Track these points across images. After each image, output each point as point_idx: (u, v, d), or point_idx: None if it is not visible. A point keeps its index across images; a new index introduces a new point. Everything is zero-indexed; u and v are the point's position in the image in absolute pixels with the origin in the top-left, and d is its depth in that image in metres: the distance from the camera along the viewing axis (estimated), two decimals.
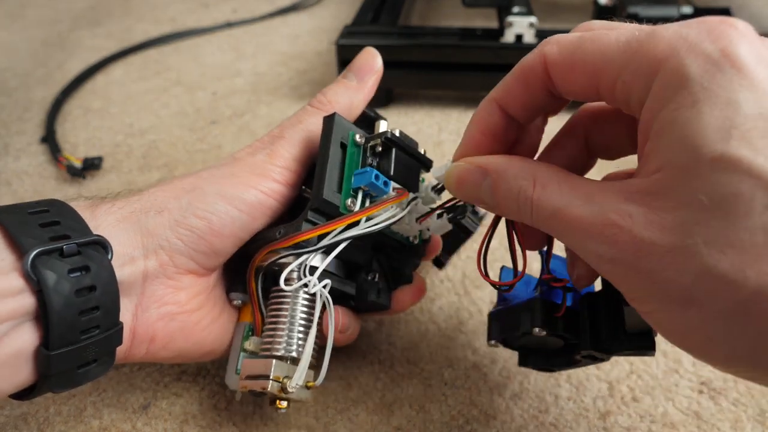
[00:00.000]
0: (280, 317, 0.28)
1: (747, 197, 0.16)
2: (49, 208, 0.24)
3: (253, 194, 0.28)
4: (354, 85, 0.32)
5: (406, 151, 0.30)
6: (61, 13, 0.89)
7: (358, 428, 0.31)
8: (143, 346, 0.27)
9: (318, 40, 0.78)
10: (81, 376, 0.24)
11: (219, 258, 0.28)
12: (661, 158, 0.18)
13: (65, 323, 0.22)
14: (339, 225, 0.27)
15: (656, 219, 0.18)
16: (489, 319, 0.30)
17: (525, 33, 0.56)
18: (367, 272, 0.31)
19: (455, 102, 0.62)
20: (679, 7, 0.62)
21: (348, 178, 0.28)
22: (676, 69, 0.18)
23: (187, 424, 0.31)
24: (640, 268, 0.18)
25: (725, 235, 0.17)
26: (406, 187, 0.30)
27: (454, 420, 0.31)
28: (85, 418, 0.32)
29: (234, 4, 0.91)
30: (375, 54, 0.34)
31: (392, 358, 0.35)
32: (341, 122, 0.29)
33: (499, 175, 0.22)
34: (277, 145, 0.30)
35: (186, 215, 0.27)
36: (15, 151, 0.56)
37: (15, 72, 0.72)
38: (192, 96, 0.65)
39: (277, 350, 0.27)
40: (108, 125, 0.60)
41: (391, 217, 0.28)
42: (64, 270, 0.22)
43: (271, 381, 0.26)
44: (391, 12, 0.69)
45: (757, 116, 0.16)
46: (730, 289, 0.17)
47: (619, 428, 0.31)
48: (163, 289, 0.27)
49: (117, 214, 0.26)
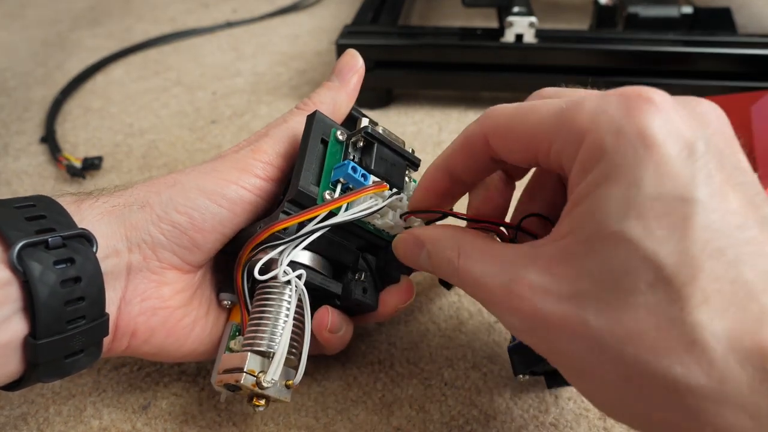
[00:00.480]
0: (263, 313, 0.28)
1: (633, 275, 0.17)
2: (36, 203, 0.25)
3: (233, 189, 0.28)
4: (336, 86, 0.33)
5: (389, 148, 0.30)
6: (61, 13, 0.89)
7: (358, 428, 0.31)
8: (125, 339, 0.27)
9: (318, 40, 0.78)
10: (69, 366, 0.24)
11: (202, 253, 0.28)
12: (571, 225, 0.19)
13: (51, 313, 0.23)
14: (315, 213, 0.27)
15: (554, 288, 0.19)
16: (510, 354, 0.29)
17: (525, 33, 0.56)
18: (354, 272, 0.31)
19: (455, 102, 0.62)
20: (679, 6, 0.62)
21: (328, 172, 0.28)
22: (595, 143, 0.19)
23: (187, 424, 0.31)
24: (540, 338, 0.20)
25: (613, 312, 0.17)
26: (389, 182, 0.29)
27: (454, 420, 0.31)
28: (85, 418, 0.32)
29: (234, 4, 0.91)
30: (355, 54, 0.35)
31: (392, 358, 0.35)
32: (322, 119, 0.29)
33: (433, 246, 0.25)
34: (261, 142, 0.30)
35: (167, 210, 0.27)
36: (15, 151, 0.56)
37: (15, 72, 0.72)
38: (192, 96, 0.65)
39: (259, 345, 0.27)
40: (108, 125, 0.60)
41: (370, 207, 0.28)
42: (50, 261, 0.23)
43: (244, 374, 0.26)
44: (391, 12, 0.69)
45: (656, 196, 0.17)
46: (617, 364, 0.18)
47: (620, 428, 0.31)
48: (146, 283, 0.27)
49: (101, 209, 0.27)
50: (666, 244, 0.17)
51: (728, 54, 0.54)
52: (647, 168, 0.17)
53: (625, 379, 0.18)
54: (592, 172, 0.19)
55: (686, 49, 0.55)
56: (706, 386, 0.16)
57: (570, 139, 0.20)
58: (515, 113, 0.22)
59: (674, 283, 0.17)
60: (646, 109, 0.18)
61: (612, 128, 0.18)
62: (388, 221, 0.29)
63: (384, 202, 0.28)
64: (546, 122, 0.21)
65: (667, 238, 0.17)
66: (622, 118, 0.18)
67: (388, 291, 0.32)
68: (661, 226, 0.17)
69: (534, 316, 0.19)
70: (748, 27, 0.71)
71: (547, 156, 0.21)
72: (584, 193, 0.19)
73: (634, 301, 0.17)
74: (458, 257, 0.23)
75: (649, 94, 0.19)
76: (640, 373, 0.17)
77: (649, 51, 0.55)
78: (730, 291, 0.17)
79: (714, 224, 0.17)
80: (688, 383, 0.16)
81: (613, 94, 0.19)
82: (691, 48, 0.55)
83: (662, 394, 0.17)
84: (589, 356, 0.18)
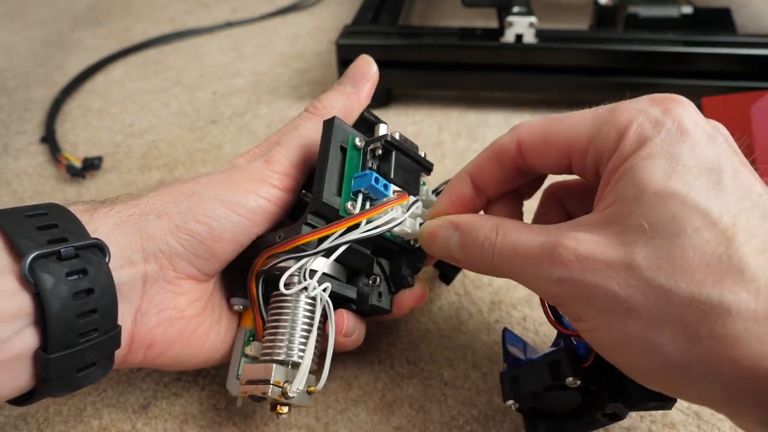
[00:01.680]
0: (281, 322, 0.28)
1: (680, 220, 0.20)
2: (47, 212, 0.24)
3: (252, 199, 0.28)
4: (349, 92, 0.33)
5: (406, 154, 0.30)
6: (61, 13, 0.89)
7: (358, 428, 0.31)
8: (141, 351, 0.27)
9: (318, 40, 0.78)
10: (80, 380, 0.24)
11: (218, 263, 0.28)
12: (614, 196, 0.22)
13: (63, 326, 0.22)
14: (339, 228, 0.27)
15: (601, 240, 0.21)
16: (502, 381, 0.28)
17: (525, 33, 0.56)
18: (368, 276, 0.31)
19: (455, 102, 0.62)
20: (679, 6, 0.62)
21: (348, 181, 0.28)
22: (639, 133, 0.22)
23: (187, 424, 0.31)
24: (584, 283, 0.21)
25: (662, 251, 0.19)
26: (407, 190, 0.29)
27: (454, 420, 0.31)
28: (85, 418, 0.32)
29: (234, 4, 0.91)
30: (370, 61, 0.34)
31: (392, 358, 0.35)
32: (341, 126, 0.29)
33: (468, 229, 0.26)
34: (274, 152, 0.30)
35: (186, 220, 0.27)
36: (15, 151, 0.56)
37: (15, 72, 0.72)
38: (192, 96, 0.65)
39: (278, 355, 0.27)
40: (108, 125, 0.60)
41: (392, 220, 0.28)
42: (62, 273, 0.22)
43: (271, 386, 0.26)
44: (391, 12, 0.69)
45: (693, 165, 0.21)
46: (665, 298, 0.19)
47: (619, 428, 0.31)
48: (162, 293, 0.27)
49: (115, 218, 0.26)
50: (707, 198, 0.20)
51: (728, 54, 0.54)
52: (683, 148, 0.21)
53: (671, 316, 0.19)
54: (633, 156, 0.21)
55: (686, 49, 0.55)
56: (756, 309, 0.18)
57: (611, 134, 0.22)
58: (548, 121, 0.25)
59: (719, 226, 0.19)
60: (677, 106, 0.22)
61: (652, 121, 0.22)
62: (406, 228, 0.29)
63: (405, 213, 0.28)
64: (582, 125, 0.24)
65: (707, 193, 0.20)
66: (659, 114, 0.22)
67: (403, 294, 0.32)
68: (700, 184, 0.20)
69: (581, 263, 0.21)
70: (748, 27, 0.71)
71: (583, 156, 0.24)
72: (628, 169, 0.21)
73: (682, 242, 0.19)
74: (496, 234, 0.24)
75: (677, 97, 0.23)
76: (691, 303, 0.19)
77: (649, 51, 0.55)
78: (765, 237, 0.19)
79: (741, 188, 0.20)
80: (738, 308, 0.18)
81: (643, 99, 0.23)
82: (691, 48, 0.55)
83: (712, 322, 0.18)
84: (637, 295, 0.20)
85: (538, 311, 0.38)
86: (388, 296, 0.31)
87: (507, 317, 0.37)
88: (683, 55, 0.55)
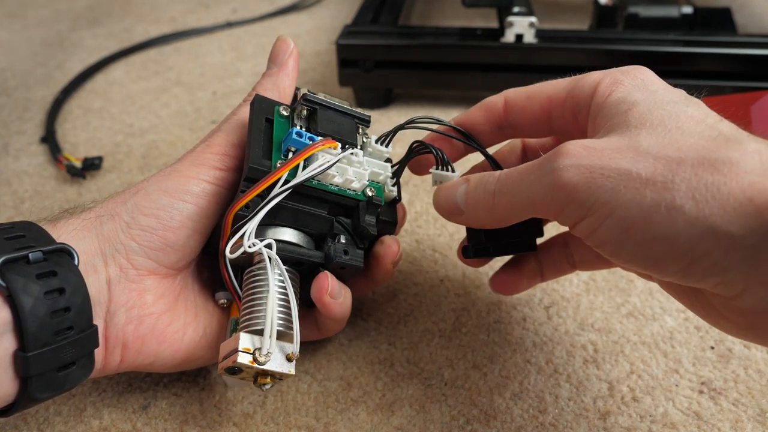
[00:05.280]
0: (252, 295, 0.28)
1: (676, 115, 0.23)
2: (14, 225, 0.26)
3: (195, 183, 0.29)
4: (275, 71, 0.34)
5: (334, 110, 0.31)
6: (61, 13, 0.89)
7: (358, 428, 0.31)
8: (117, 351, 0.28)
9: (317, 40, 0.78)
10: (62, 379, 0.24)
11: (176, 253, 0.29)
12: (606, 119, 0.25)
13: (38, 324, 0.23)
14: (268, 182, 0.27)
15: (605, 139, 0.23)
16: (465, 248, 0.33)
17: (525, 33, 0.56)
18: (332, 237, 0.30)
19: (455, 102, 0.62)
20: (679, 6, 0.62)
21: (278, 146, 0.29)
22: (611, 80, 0.26)
23: (187, 424, 0.31)
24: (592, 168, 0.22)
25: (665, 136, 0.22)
26: (341, 141, 0.30)
27: (454, 420, 0.31)
28: (85, 418, 0.32)
29: (234, 4, 0.91)
30: (285, 39, 0.35)
31: (392, 358, 0.35)
32: (262, 100, 0.30)
33: (477, 179, 0.28)
34: (213, 137, 0.31)
35: (135, 215, 0.28)
36: (15, 151, 0.56)
37: (15, 72, 0.72)
38: (192, 96, 0.65)
39: (255, 325, 0.27)
40: (108, 125, 0.60)
41: (325, 162, 0.28)
42: (32, 274, 0.23)
43: (239, 352, 0.26)
44: (391, 12, 0.69)
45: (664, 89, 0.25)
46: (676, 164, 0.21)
47: (619, 428, 0.31)
48: (127, 293, 0.28)
49: (75, 224, 0.27)
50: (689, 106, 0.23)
51: (728, 54, 0.54)
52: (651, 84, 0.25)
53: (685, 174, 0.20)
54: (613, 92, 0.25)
55: (686, 49, 0.55)
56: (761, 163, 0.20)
57: (587, 85, 0.27)
58: (532, 86, 0.29)
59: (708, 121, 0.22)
60: (641, 71, 0.26)
61: (620, 73, 0.26)
62: (349, 177, 0.29)
63: (337, 156, 0.29)
64: (562, 83, 0.28)
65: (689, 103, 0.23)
66: (624, 76, 0.26)
67: (378, 250, 0.32)
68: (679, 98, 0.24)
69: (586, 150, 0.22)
70: (748, 27, 0.71)
71: (562, 105, 0.28)
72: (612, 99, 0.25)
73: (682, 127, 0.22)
74: (499, 175, 0.26)
75: (640, 67, 0.27)
76: (702, 162, 0.20)
77: (649, 51, 0.55)
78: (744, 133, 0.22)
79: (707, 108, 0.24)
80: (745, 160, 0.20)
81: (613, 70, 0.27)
82: (691, 48, 0.55)
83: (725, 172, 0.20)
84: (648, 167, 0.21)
85: (538, 311, 0.38)
86: (357, 252, 0.31)
87: (507, 317, 0.37)
88: (683, 55, 0.55)
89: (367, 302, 0.39)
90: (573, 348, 0.35)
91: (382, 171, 0.31)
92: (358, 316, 0.38)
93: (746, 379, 0.33)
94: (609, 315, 0.37)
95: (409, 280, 0.40)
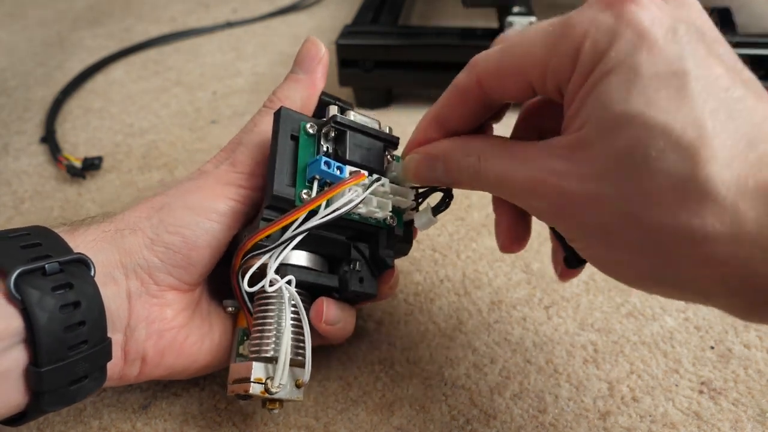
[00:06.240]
0: (263, 319, 0.28)
1: (644, 144, 0.19)
2: (30, 232, 0.25)
3: (222, 202, 0.28)
4: (302, 78, 0.32)
5: (363, 132, 0.29)
6: (61, 13, 0.89)
7: (358, 428, 0.31)
8: (135, 365, 0.27)
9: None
10: (73, 393, 0.24)
11: (198, 271, 0.28)
12: (583, 118, 0.21)
13: (52, 339, 0.22)
14: (293, 217, 0.26)
15: (575, 171, 0.21)
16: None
17: None
18: (348, 263, 0.30)
19: None
20: None
21: (302, 170, 0.28)
22: (593, 49, 0.20)
23: (187, 424, 0.31)
24: (567, 215, 0.22)
25: (629, 182, 0.19)
26: (367, 168, 0.29)
27: (454, 420, 0.31)
28: (85, 418, 0.32)
29: (234, 4, 0.91)
30: (315, 42, 0.33)
31: (392, 358, 0.35)
32: (288, 114, 0.28)
33: (449, 156, 0.26)
34: (237, 153, 0.30)
35: (159, 232, 0.27)
36: (15, 151, 0.56)
37: (15, 72, 0.72)
38: (192, 96, 0.65)
39: (266, 352, 0.27)
40: (108, 125, 0.60)
41: (351, 201, 0.27)
42: (47, 287, 0.23)
43: (252, 383, 0.26)
44: (391, 12, 0.69)
45: (652, 75, 0.19)
46: (637, 225, 0.20)
47: (619, 428, 0.31)
48: (148, 308, 0.27)
49: (93, 235, 0.27)
50: (668, 112, 0.19)
51: None
52: (642, 55, 0.20)
53: (647, 241, 0.20)
54: (593, 73, 0.20)
55: None
56: (722, 232, 0.18)
57: (566, 53, 0.21)
58: (501, 51, 0.24)
59: (682, 143, 0.18)
60: (631, 7, 0.20)
61: (605, 31, 0.20)
62: (372, 207, 0.28)
63: (364, 192, 0.27)
64: (536, 49, 0.22)
65: (669, 106, 0.19)
66: (611, 20, 0.20)
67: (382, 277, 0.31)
68: (661, 97, 0.19)
69: (560, 198, 0.21)
70: (748, 27, 0.71)
71: (542, 80, 0.22)
72: (590, 88, 0.20)
73: (648, 167, 0.19)
74: (479, 161, 0.24)
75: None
76: (661, 230, 0.19)
77: None
78: (732, 144, 0.18)
79: (706, 89, 0.19)
80: (705, 232, 0.18)
81: (595, 3, 0.21)
82: None
83: (682, 248, 0.19)
84: (614, 224, 0.20)
85: (538, 311, 0.38)
86: (372, 280, 0.30)
87: (507, 317, 0.37)
88: None
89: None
90: (573, 348, 0.35)
91: (406, 198, 0.30)
92: (359, 316, 0.38)
93: (746, 379, 0.33)
94: (609, 315, 0.37)
95: (409, 280, 0.40)
